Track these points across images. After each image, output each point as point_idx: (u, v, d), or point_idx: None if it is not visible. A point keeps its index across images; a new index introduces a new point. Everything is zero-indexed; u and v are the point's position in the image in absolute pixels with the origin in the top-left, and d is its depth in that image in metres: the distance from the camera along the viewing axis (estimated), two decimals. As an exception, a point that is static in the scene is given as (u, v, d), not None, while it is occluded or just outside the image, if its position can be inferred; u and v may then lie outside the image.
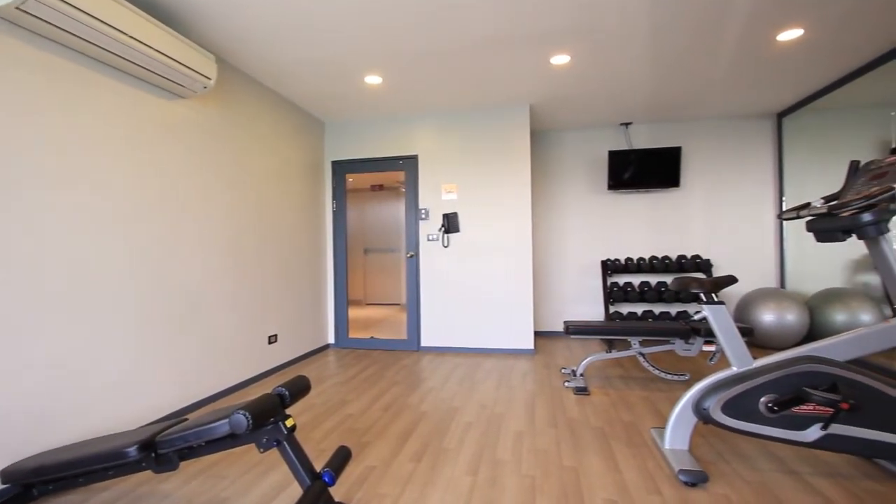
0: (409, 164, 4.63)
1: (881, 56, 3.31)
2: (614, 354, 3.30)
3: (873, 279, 3.82)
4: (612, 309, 5.01)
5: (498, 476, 1.99)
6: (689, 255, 4.84)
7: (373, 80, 3.65)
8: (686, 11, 2.69)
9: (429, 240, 4.55)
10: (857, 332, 1.91)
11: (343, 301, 4.77)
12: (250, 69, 3.43)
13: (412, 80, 3.70)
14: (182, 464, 2.17)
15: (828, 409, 1.82)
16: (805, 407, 1.84)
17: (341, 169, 4.79)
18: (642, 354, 3.29)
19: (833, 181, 4.04)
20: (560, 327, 5.21)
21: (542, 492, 1.85)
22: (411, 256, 4.60)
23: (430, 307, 4.56)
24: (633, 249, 5.02)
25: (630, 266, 4.80)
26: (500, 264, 4.40)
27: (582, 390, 3.12)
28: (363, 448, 2.29)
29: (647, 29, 2.90)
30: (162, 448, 1.63)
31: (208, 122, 3.09)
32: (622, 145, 5.04)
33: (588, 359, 3.34)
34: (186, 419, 1.88)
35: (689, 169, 4.91)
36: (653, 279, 4.95)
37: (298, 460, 1.53)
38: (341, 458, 1.65)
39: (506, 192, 4.38)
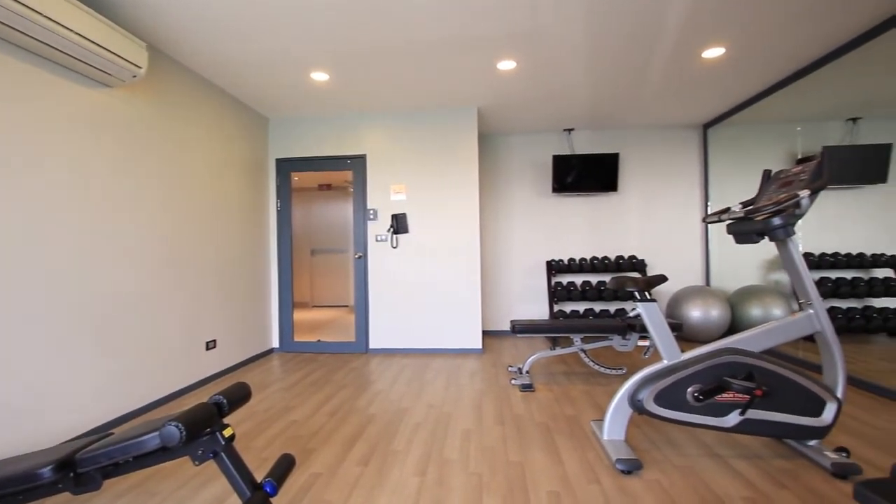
0: (357, 163, 4.56)
1: (788, 76, 3.67)
2: (558, 351, 3.43)
3: (784, 277, 4.23)
4: (556, 308, 5.20)
5: (446, 475, 2.00)
6: (626, 256, 5.12)
7: (319, 76, 3.56)
8: (620, 28, 2.85)
9: (377, 240, 4.51)
10: (769, 325, 2.10)
11: (288, 304, 4.61)
12: (187, 60, 3.23)
13: (360, 79, 3.65)
14: (107, 482, 2.01)
15: (745, 396, 1.99)
16: (726, 395, 2.01)
17: (286, 167, 4.63)
18: (584, 351, 3.44)
19: (750, 188, 4.43)
20: (507, 326, 5.33)
21: (488, 489, 1.89)
22: (359, 257, 4.54)
23: (378, 308, 4.51)
24: (576, 250, 5.24)
25: (573, 266, 5.00)
26: (448, 265, 4.43)
27: (527, 387, 3.22)
28: (308, 455, 2.23)
29: (586, 42, 3.04)
30: (83, 466, 1.50)
31: (139, 114, 2.89)
32: (565, 150, 5.25)
33: (533, 357, 3.44)
34: (112, 434, 1.74)
35: (626, 174, 5.20)
36: (594, 278, 5.19)
37: (237, 471, 1.46)
38: (284, 466, 1.60)
39: (454, 194, 4.43)
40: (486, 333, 5.35)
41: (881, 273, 3.69)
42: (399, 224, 4.45)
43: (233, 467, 1.46)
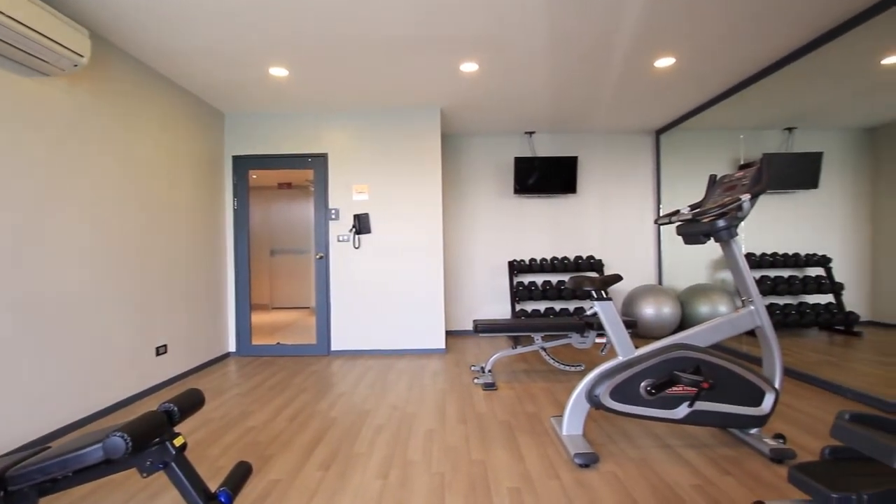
0: (318, 162, 4.47)
1: (732, 87, 3.91)
2: (519, 350, 3.49)
3: (729, 276, 4.48)
4: (517, 307, 5.29)
5: (408, 476, 2.00)
6: (584, 256, 5.28)
7: (278, 72, 3.47)
8: (579, 37, 2.94)
9: (339, 241, 4.44)
10: (715, 321, 2.23)
11: (245, 306, 4.46)
12: (137, 51, 3.07)
13: (321, 76, 3.58)
14: (45, 499, 1.87)
15: (693, 388, 2.10)
16: (676, 388, 2.11)
17: (244, 164, 4.47)
18: (544, 349, 3.52)
19: (699, 191, 4.67)
20: (470, 326, 5.37)
21: (450, 488, 1.90)
22: (321, 258, 4.45)
23: (340, 309, 4.44)
24: (537, 250, 5.35)
25: (534, 266, 5.11)
26: (411, 265, 4.42)
27: (490, 386, 3.26)
28: (267, 461, 2.16)
29: (546, 49, 3.11)
30: (14, 484, 1.39)
31: (81, 105, 2.71)
32: (527, 152, 5.36)
33: (496, 355, 3.49)
34: (49, 447, 1.63)
35: (585, 177, 5.36)
36: (554, 278, 5.32)
37: (189, 481, 1.40)
38: (240, 474, 1.55)
39: (417, 194, 4.42)
40: (449, 333, 5.38)
41: (813, 272, 3.99)
42: (361, 224, 4.40)
43: (184, 478, 1.40)
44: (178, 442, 1.43)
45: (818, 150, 3.76)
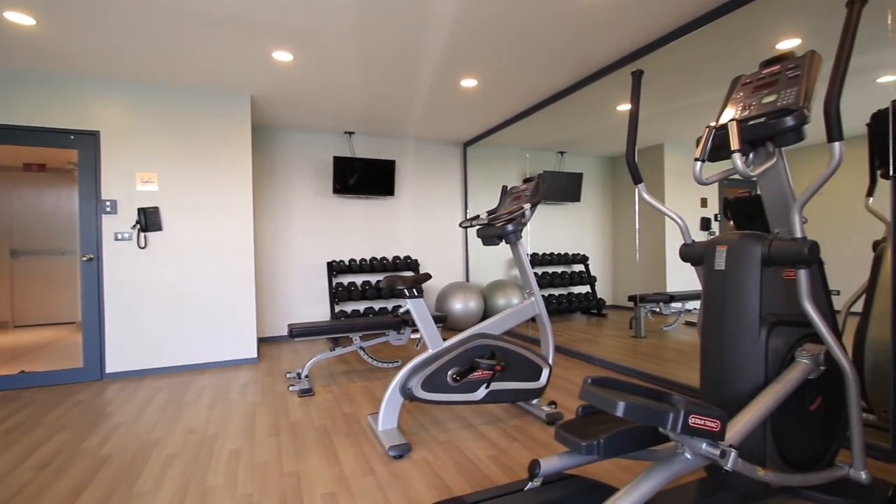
0: (85, 141, 3.61)
1: (522, 112, 4.61)
2: (338, 351, 3.45)
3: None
4: (337, 308, 5.22)
5: (207, 505, 1.79)
6: (402, 256, 5.53)
7: (20, 18, 2.68)
8: (387, 46, 3.07)
9: (118, 239, 3.67)
10: (505, 312, 2.60)
11: (-37, 326, 3.31)
12: None
13: (90, 34, 2.90)
14: None
15: (489, 372, 2.41)
16: (476, 373, 2.38)
17: (-42, 136, 3.31)
18: (363, 348, 3.56)
19: (497, 199, 5.37)
20: (286, 331, 5.07)
21: (259, 507, 1.77)
22: (90, 259, 3.61)
23: (119, 322, 3.67)
24: (356, 251, 5.37)
25: (353, 266, 5.12)
26: (215, 267, 3.94)
27: (306, 392, 3.14)
28: (-2, 528, 1.66)
29: (359, 52, 3.16)
30: None
31: None
32: (346, 153, 5.32)
33: (313, 359, 3.38)
34: None
35: (402, 180, 5.61)
36: (373, 278, 5.42)
37: None
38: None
39: (223, 187, 3.96)
40: (263, 340, 4.98)
41: (577, 268, 5.01)
42: (149, 220, 3.72)
43: None
44: None
45: (580, 171, 4.75)
